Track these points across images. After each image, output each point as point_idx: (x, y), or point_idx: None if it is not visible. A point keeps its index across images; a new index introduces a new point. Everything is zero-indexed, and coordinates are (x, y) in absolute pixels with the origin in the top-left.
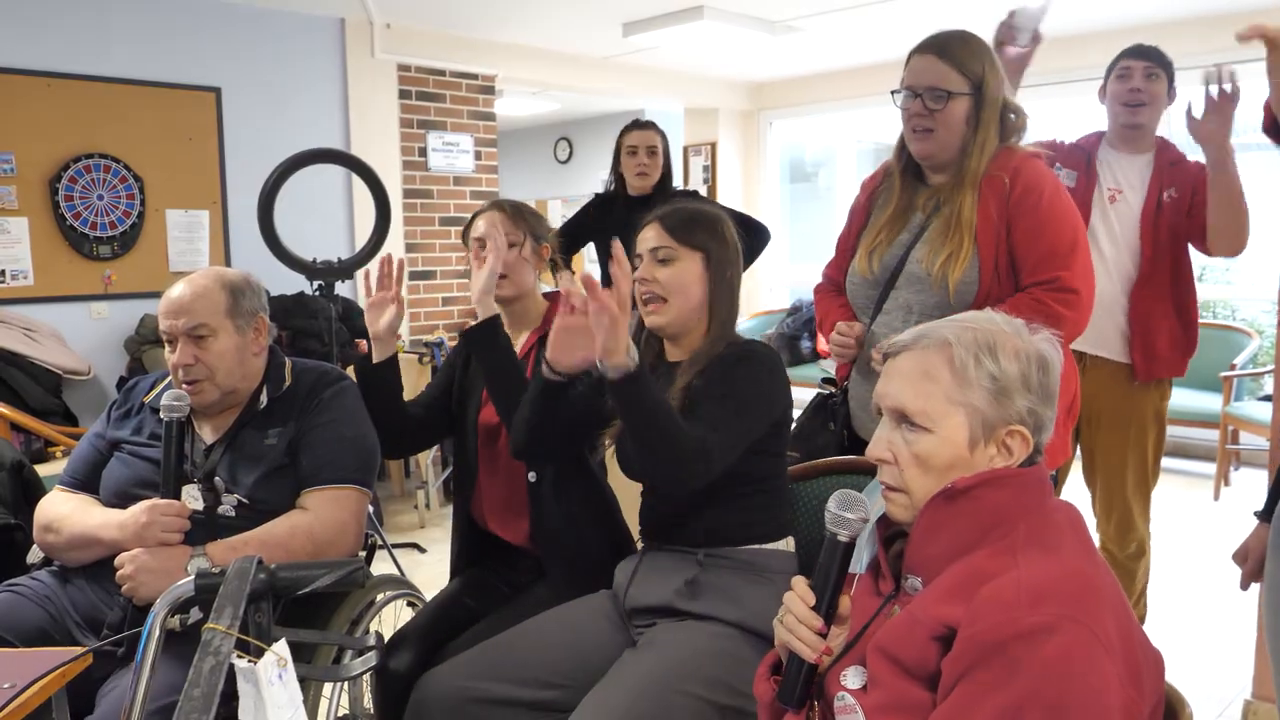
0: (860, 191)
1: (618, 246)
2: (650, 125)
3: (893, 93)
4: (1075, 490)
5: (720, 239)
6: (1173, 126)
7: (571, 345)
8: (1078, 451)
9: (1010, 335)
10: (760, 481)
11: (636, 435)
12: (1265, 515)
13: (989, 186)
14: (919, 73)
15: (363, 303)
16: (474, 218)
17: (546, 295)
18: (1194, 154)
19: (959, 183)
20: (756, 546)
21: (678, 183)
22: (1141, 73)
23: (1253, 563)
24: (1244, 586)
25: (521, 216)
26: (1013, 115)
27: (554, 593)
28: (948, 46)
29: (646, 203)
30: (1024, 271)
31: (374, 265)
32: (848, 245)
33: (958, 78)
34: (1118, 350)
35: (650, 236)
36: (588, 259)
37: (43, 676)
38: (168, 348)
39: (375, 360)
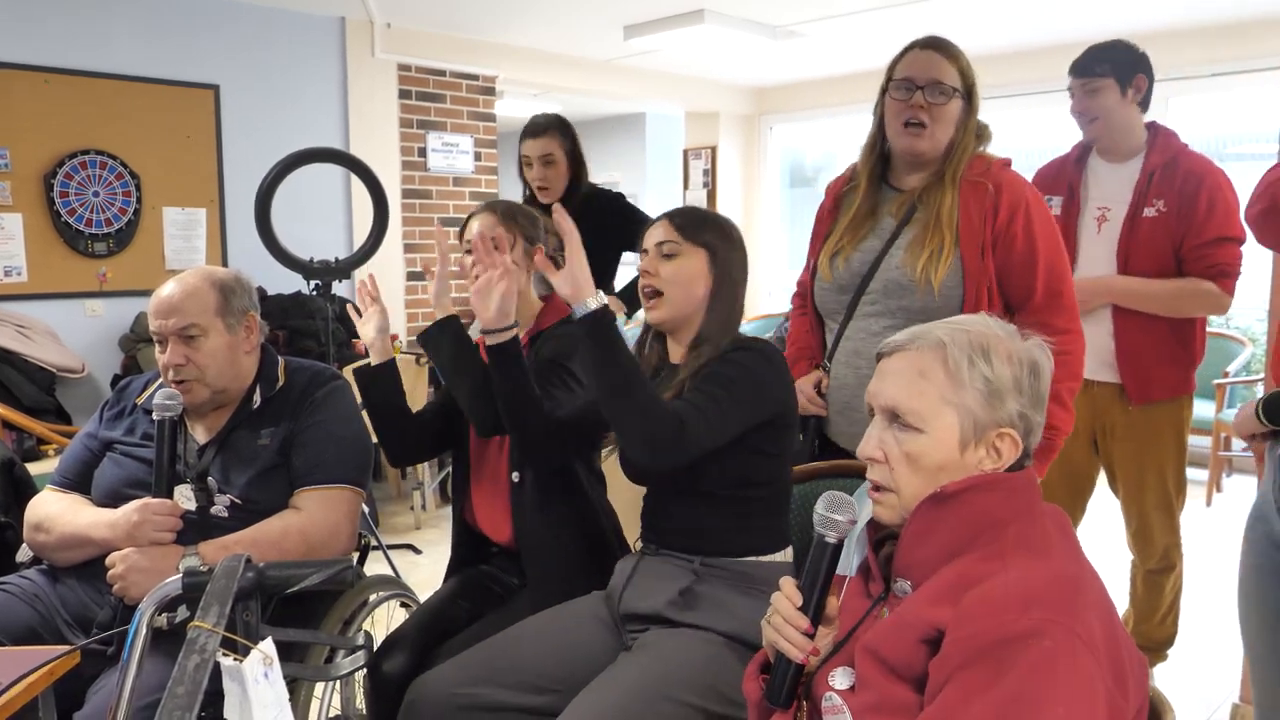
0: (825, 196)
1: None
2: (546, 130)
3: (887, 83)
4: (1103, 499)
5: (728, 239)
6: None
7: (484, 301)
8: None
9: (1003, 339)
10: (758, 485)
11: (604, 383)
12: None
13: (971, 192)
14: (922, 66)
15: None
16: (468, 219)
17: (543, 296)
18: (1200, 147)
19: (938, 183)
20: (754, 559)
21: (659, 184)
22: (1080, 90)
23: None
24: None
25: (513, 219)
26: (982, 128)
27: (537, 593)
28: (948, 46)
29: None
30: (1033, 295)
31: (360, 300)
32: (816, 251)
33: (956, 77)
34: (1113, 374)
35: (656, 232)
36: None
37: (29, 674)
38: (158, 347)
39: (373, 364)
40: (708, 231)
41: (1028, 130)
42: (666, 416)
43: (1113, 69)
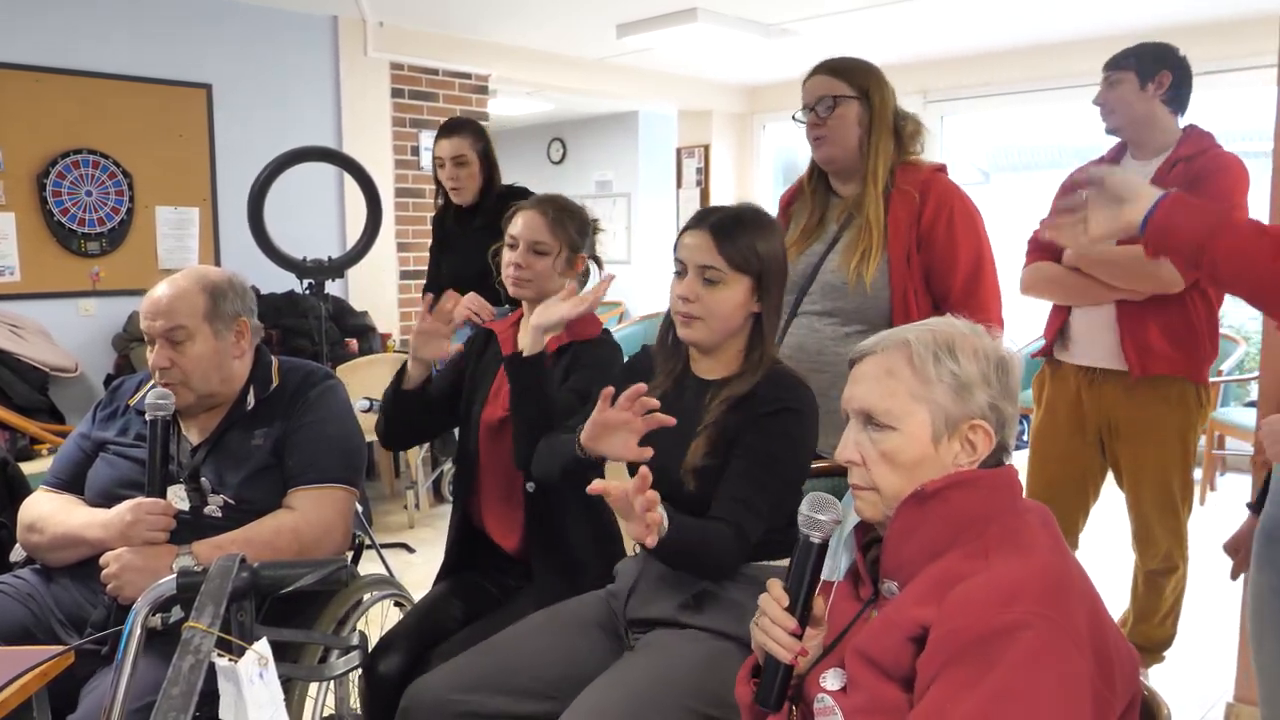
0: (778, 207)
1: (608, 392)
2: (458, 130)
3: (793, 117)
4: (1108, 500)
5: (774, 259)
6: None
7: (604, 439)
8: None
9: (969, 336)
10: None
11: (675, 563)
12: (1255, 508)
13: (899, 201)
14: (811, 90)
15: (347, 305)
16: (515, 212)
17: None
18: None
19: (865, 188)
20: (766, 563)
21: (652, 183)
22: (1103, 84)
23: (1244, 554)
24: (1234, 576)
25: (562, 225)
26: (904, 122)
27: (542, 600)
28: (835, 65)
29: (474, 211)
30: (951, 292)
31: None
32: None
33: (844, 86)
34: (1119, 360)
35: (698, 247)
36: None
37: (22, 675)
38: (149, 347)
39: (407, 386)
40: (753, 255)
41: (1010, 129)
42: (733, 551)
43: (1136, 62)
